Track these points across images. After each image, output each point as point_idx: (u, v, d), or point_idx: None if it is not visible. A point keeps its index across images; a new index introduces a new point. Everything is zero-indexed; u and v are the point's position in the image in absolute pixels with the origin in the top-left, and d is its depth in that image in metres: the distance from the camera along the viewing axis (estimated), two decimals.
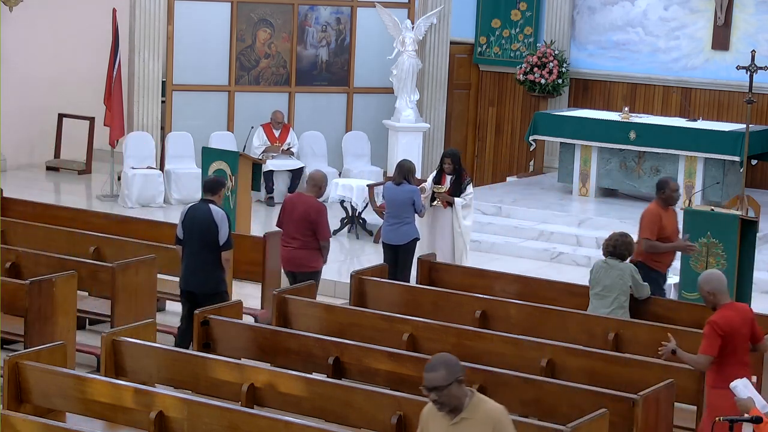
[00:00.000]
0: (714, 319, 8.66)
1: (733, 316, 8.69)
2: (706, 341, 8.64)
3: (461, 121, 21.01)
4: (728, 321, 8.64)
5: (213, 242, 10.93)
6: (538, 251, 15.70)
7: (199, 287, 11.00)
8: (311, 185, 12.09)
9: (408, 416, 8.26)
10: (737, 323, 8.67)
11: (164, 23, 18.26)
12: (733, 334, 8.63)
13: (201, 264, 10.99)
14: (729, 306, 8.77)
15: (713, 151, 16.63)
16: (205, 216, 10.97)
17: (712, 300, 8.76)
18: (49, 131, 20.09)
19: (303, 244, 11.95)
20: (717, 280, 8.78)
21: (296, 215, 11.92)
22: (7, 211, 13.77)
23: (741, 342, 8.69)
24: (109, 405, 8.48)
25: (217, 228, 10.92)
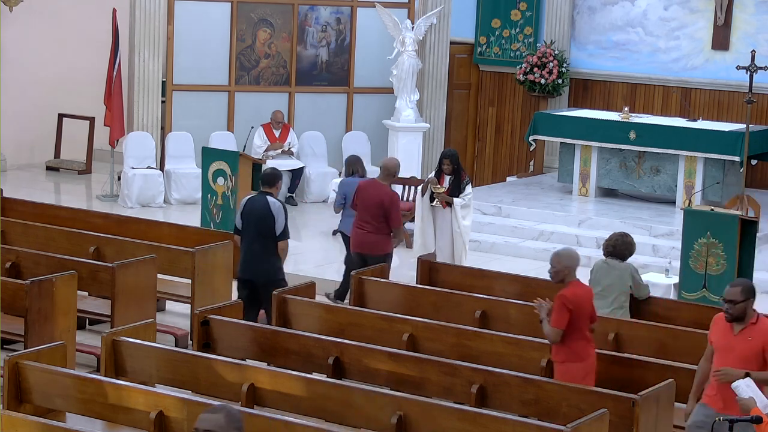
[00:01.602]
0: (564, 293, 9.19)
1: (581, 293, 9.28)
2: (556, 314, 9.15)
3: (461, 121, 21.01)
4: (577, 296, 9.20)
5: (270, 232, 11.38)
6: (538, 251, 15.69)
7: (257, 276, 11.44)
8: (385, 174, 12.64)
9: (408, 416, 8.26)
10: (583, 300, 9.26)
11: (164, 23, 18.26)
12: (580, 310, 9.19)
13: (259, 253, 11.43)
14: (576, 283, 9.32)
15: (713, 151, 16.63)
16: (262, 207, 11.41)
17: (564, 274, 9.28)
18: (49, 131, 20.09)
19: (376, 229, 12.48)
20: (574, 257, 9.37)
21: (370, 202, 12.49)
22: (7, 211, 13.78)
23: (584, 318, 9.26)
24: (109, 405, 8.48)
25: (274, 219, 11.36)
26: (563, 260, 9.31)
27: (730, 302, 8.24)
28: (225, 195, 14.39)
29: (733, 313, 8.26)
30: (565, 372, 9.17)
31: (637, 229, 15.24)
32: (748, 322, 8.27)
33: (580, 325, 9.21)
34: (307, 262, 14.92)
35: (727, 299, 8.26)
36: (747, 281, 8.42)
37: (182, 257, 12.17)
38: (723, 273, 11.99)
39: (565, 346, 9.20)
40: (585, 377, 9.15)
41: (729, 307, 8.25)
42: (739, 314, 8.25)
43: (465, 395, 9.02)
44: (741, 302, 8.22)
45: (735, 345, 8.26)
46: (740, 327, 8.28)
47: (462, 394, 9.06)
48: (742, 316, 8.26)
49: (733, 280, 8.61)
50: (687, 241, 12.24)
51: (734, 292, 8.24)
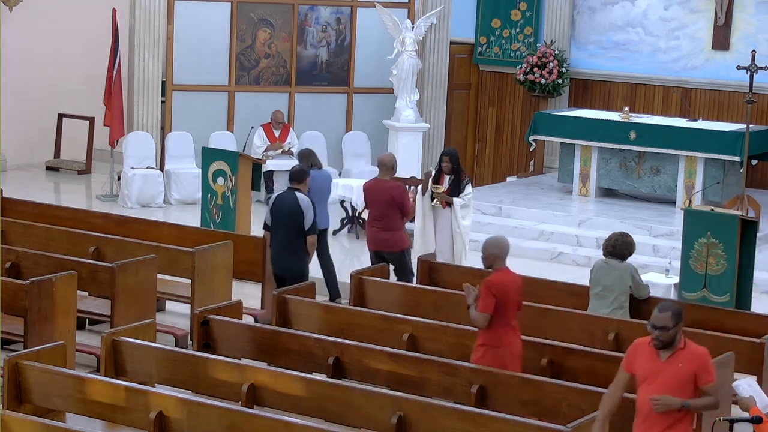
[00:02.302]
0: (489, 279, 9.42)
1: (507, 280, 9.46)
2: (482, 300, 9.33)
3: (461, 121, 21.01)
4: (502, 283, 9.40)
5: (299, 228, 11.70)
6: (538, 251, 15.69)
7: (286, 271, 11.76)
8: (384, 169, 12.79)
9: (408, 416, 8.26)
10: (509, 288, 9.43)
11: (164, 23, 18.25)
12: (505, 296, 9.36)
13: (288, 249, 11.76)
14: (504, 270, 9.52)
15: (713, 151, 16.63)
16: (292, 203, 11.74)
17: (491, 260, 9.55)
18: (49, 131, 20.09)
19: (389, 226, 12.68)
20: (501, 245, 9.60)
21: (380, 200, 12.64)
22: (7, 211, 13.78)
23: (510, 306, 9.42)
24: (109, 405, 8.49)
25: (303, 214, 11.69)
26: (489, 248, 9.57)
27: (661, 329, 7.60)
28: (225, 195, 14.38)
29: (664, 340, 7.63)
30: (483, 356, 9.37)
31: (637, 229, 15.24)
32: (676, 347, 7.68)
33: (505, 311, 9.37)
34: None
35: (657, 326, 7.62)
36: (675, 305, 7.75)
37: (182, 257, 12.17)
38: (723, 273, 11.99)
39: (488, 331, 9.37)
40: (506, 363, 9.31)
41: (660, 333, 7.62)
42: (670, 341, 7.65)
43: (465, 395, 9.02)
44: (672, 328, 7.59)
45: (664, 373, 7.64)
46: (668, 353, 7.67)
47: (462, 394, 9.06)
48: (672, 342, 7.66)
49: (660, 304, 7.72)
50: (687, 241, 12.23)
51: (665, 318, 7.61)
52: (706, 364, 7.68)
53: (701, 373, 7.64)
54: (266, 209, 12.12)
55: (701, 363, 7.66)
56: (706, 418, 9.07)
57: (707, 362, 7.71)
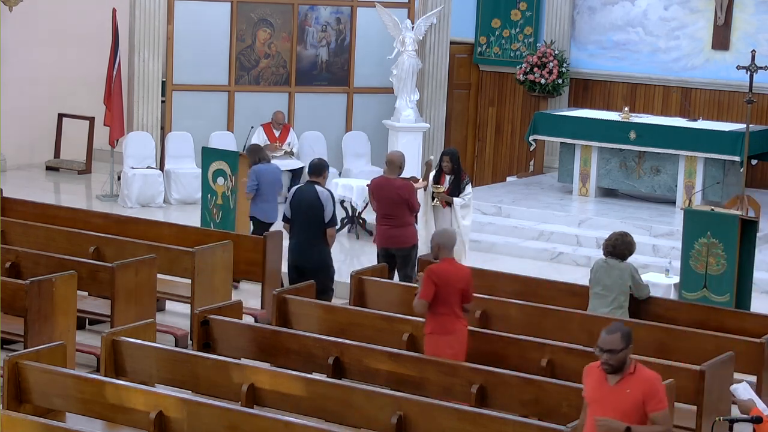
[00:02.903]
0: (431, 267, 9.74)
1: (450, 269, 9.74)
2: (423, 287, 9.66)
3: (461, 121, 21.01)
4: (443, 271, 9.68)
5: (319, 220, 11.92)
6: (538, 251, 15.69)
7: (307, 262, 11.96)
8: (392, 167, 12.85)
9: (408, 416, 8.26)
10: (452, 277, 9.69)
11: (164, 23, 18.25)
12: (446, 285, 9.64)
13: (308, 241, 11.96)
14: (449, 261, 9.82)
15: (713, 151, 16.63)
16: (312, 196, 11.95)
17: (436, 252, 9.88)
18: (49, 131, 20.09)
19: (398, 223, 12.73)
20: (448, 237, 9.90)
21: (388, 197, 12.70)
22: (7, 211, 13.78)
23: (453, 294, 9.68)
24: (109, 405, 8.49)
25: (323, 207, 11.91)
26: (435, 238, 9.98)
27: (610, 351, 7.19)
28: (225, 195, 14.38)
29: (613, 364, 7.22)
30: (430, 343, 9.69)
31: (637, 229, 15.23)
32: (625, 372, 7.25)
33: (449, 300, 9.66)
34: None
35: (605, 348, 7.20)
36: (623, 326, 7.34)
37: (182, 257, 12.17)
38: (723, 273, 11.99)
39: (433, 319, 9.70)
40: (452, 350, 9.61)
41: (608, 357, 7.20)
42: (620, 364, 7.22)
43: (465, 395, 9.02)
44: (621, 351, 7.18)
45: (611, 398, 7.23)
46: (617, 378, 7.24)
47: (462, 394, 9.06)
48: (622, 366, 7.24)
49: (609, 326, 7.30)
50: (687, 241, 12.23)
51: (613, 340, 7.19)
52: (656, 391, 7.24)
53: (650, 399, 7.20)
54: (286, 202, 12.24)
55: (651, 389, 7.22)
56: (706, 418, 9.07)
57: (657, 388, 7.26)
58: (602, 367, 7.24)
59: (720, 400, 9.37)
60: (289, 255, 12.16)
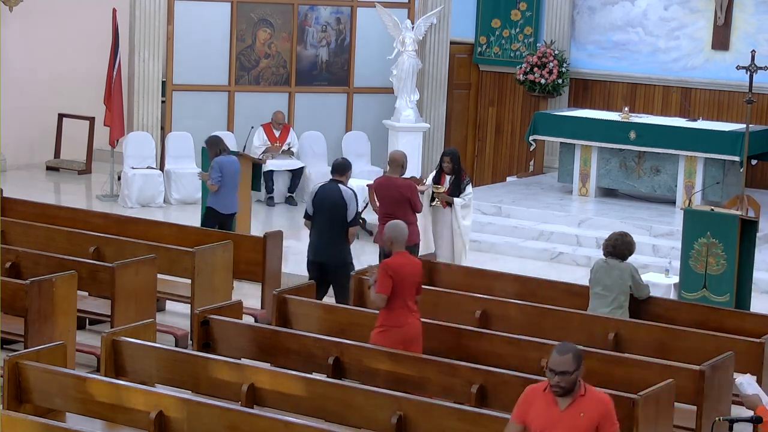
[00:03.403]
0: (386, 261, 9.87)
1: (404, 263, 9.84)
2: (380, 281, 9.74)
3: (461, 121, 21.02)
4: (399, 265, 9.79)
5: (341, 218, 12.00)
6: (538, 251, 15.69)
7: (329, 259, 12.03)
8: (394, 166, 12.90)
9: (408, 416, 8.26)
10: (406, 270, 9.80)
11: (164, 23, 18.25)
12: (401, 278, 9.74)
13: (330, 238, 12.03)
14: (402, 254, 9.92)
15: (713, 151, 16.63)
16: (335, 194, 12.05)
17: (389, 245, 9.99)
18: (49, 131, 20.09)
19: None
20: (399, 230, 9.98)
21: (391, 196, 12.77)
22: (7, 211, 13.78)
23: (408, 288, 9.80)
24: (109, 405, 8.49)
25: (346, 205, 12.01)
26: (387, 232, 10.06)
27: (562, 374, 6.74)
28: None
29: (566, 386, 6.78)
30: (382, 337, 9.76)
31: (637, 229, 15.24)
32: (576, 394, 6.82)
33: (402, 293, 9.76)
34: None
35: (557, 370, 6.75)
36: (574, 346, 6.90)
37: (182, 257, 12.17)
38: (723, 273, 11.99)
39: (386, 313, 9.78)
40: (405, 343, 9.69)
41: (560, 379, 6.75)
42: (571, 386, 6.80)
43: (465, 395, 9.02)
44: (574, 372, 6.76)
45: (564, 423, 6.80)
46: (568, 401, 6.82)
47: (462, 394, 9.06)
48: (573, 388, 6.82)
49: (558, 346, 6.87)
50: (687, 241, 12.23)
51: (565, 361, 6.75)
52: (610, 413, 6.89)
53: (604, 422, 6.83)
54: (308, 199, 12.35)
55: (605, 412, 6.85)
56: (706, 418, 9.08)
57: (611, 411, 6.91)
58: (553, 389, 6.81)
59: (720, 400, 9.37)
60: (310, 251, 12.21)
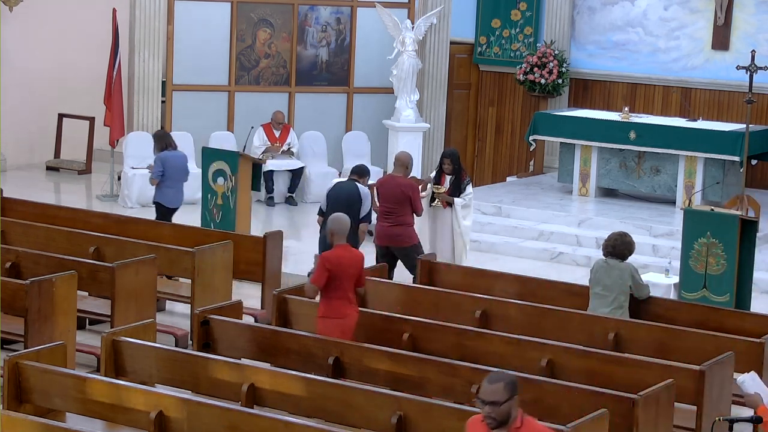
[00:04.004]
0: (325, 254, 10.17)
1: (344, 255, 10.11)
2: (316, 272, 10.07)
3: (461, 121, 21.02)
4: (337, 258, 10.06)
5: (354, 214, 12.16)
6: (538, 251, 15.69)
7: None
8: (398, 165, 13.07)
9: (408, 416, 8.26)
10: (345, 263, 10.07)
11: (164, 23, 18.26)
12: (340, 271, 10.02)
13: None
14: (342, 247, 10.18)
15: (713, 151, 16.63)
16: (351, 191, 12.42)
17: (331, 237, 10.23)
18: (49, 131, 20.08)
19: (399, 221, 12.91)
20: (340, 223, 10.22)
21: (392, 195, 12.90)
22: (7, 211, 13.78)
23: (347, 280, 10.07)
24: (109, 405, 8.49)
25: (361, 203, 12.37)
26: (329, 224, 10.33)
27: (492, 404, 6.29)
28: (225, 195, 14.38)
29: (497, 417, 6.32)
30: (321, 326, 10.07)
31: (637, 229, 15.24)
32: (511, 425, 6.38)
33: (342, 285, 10.05)
34: (307, 262, 14.90)
35: (487, 400, 6.30)
36: (507, 374, 6.50)
37: (182, 257, 12.17)
38: (723, 273, 11.99)
39: (326, 303, 10.09)
40: (344, 333, 9.98)
41: (491, 410, 6.30)
42: (504, 418, 6.35)
43: (465, 395, 9.02)
44: (505, 402, 6.31)
45: None
46: None
47: (462, 394, 9.06)
48: (507, 419, 6.37)
49: (490, 375, 6.45)
50: (687, 241, 12.23)
51: (495, 391, 6.29)
52: None
53: None
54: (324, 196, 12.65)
55: None
56: (706, 418, 9.08)
57: None
58: (485, 421, 6.36)
59: (720, 400, 9.37)
60: (320, 246, 12.50)
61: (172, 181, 14.18)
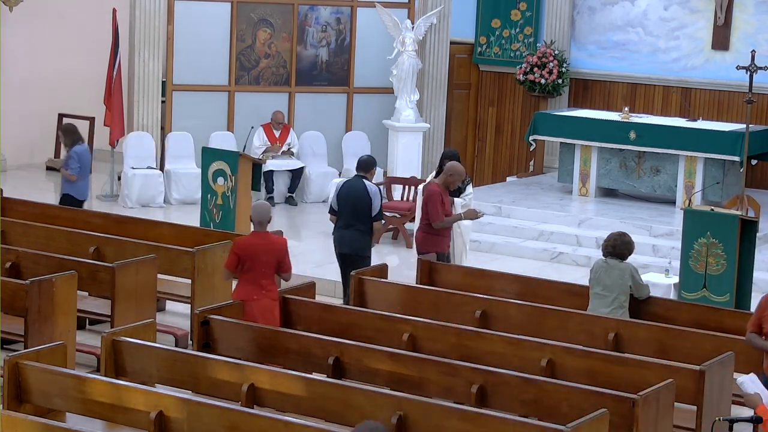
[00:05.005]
0: (236, 240, 10.71)
1: (256, 242, 10.45)
2: (228, 257, 10.58)
3: (461, 121, 21.01)
4: (247, 244, 10.48)
5: (365, 213, 12.34)
6: (538, 251, 15.70)
7: (350, 250, 12.45)
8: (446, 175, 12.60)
9: (408, 416, 8.26)
10: (256, 249, 10.41)
11: (164, 23, 18.25)
12: (249, 257, 10.39)
13: (353, 231, 12.41)
14: (257, 234, 10.54)
15: (713, 151, 16.63)
16: (359, 190, 12.40)
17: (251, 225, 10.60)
18: (49, 131, 20.08)
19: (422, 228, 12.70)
20: (257, 211, 10.58)
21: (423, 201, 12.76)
22: (7, 211, 13.78)
23: (258, 265, 10.39)
24: (109, 405, 8.49)
25: (370, 200, 12.35)
26: (250, 212, 10.70)
27: None
28: (225, 195, 14.38)
29: None
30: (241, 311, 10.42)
31: (637, 229, 15.24)
32: None
33: (252, 271, 10.40)
34: (307, 262, 14.92)
35: None
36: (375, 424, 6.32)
37: (182, 257, 12.17)
38: (723, 273, 11.99)
39: (240, 287, 10.49)
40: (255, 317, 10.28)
41: None
42: None
43: (465, 395, 9.02)
44: None
45: None
46: None
47: (462, 394, 9.06)
48: None
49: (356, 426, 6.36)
50: (687, 241, 12.23)
51: None
52: None
53: None
54: (332, 194, 12.77)
55: None
56: (706, 418, 9.08)
57: None
58: None
59: (720, 400, 9.38)
60: (335, 244, 12.67)
61: (84, 174, 14.51)
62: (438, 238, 12.56)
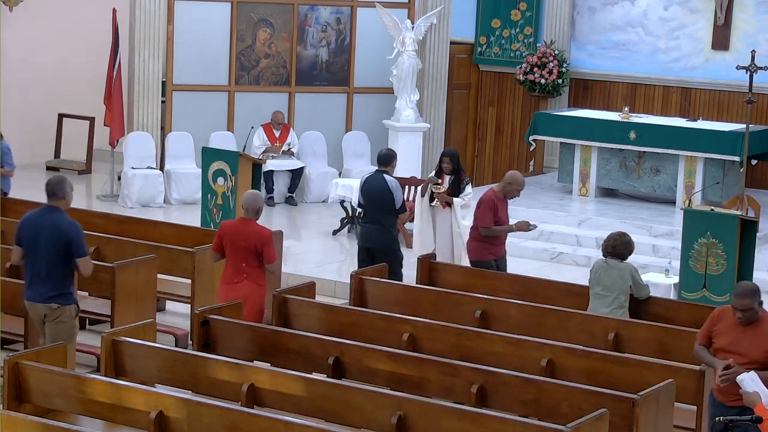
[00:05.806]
0: (222, 222, 11.08)
1: (238, 227, 10.68)
2: (214, 239, 10.83)
3: (461, 121, 21.02)
4: (229, 228, 10.75)
5: (389, 207, 12.58)
6: (538, 251, 15.69)
7: (376, 245, 12.64)
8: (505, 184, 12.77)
9: (408, 416, 8.26)
10: (237, 235, 10.63)
11: (164, 23, 18.25)
12: (230, 241, 10.63)
13: (378, 226, 12.62)
14: (243, 220, 10.77)
15: (713, 151, 16.63)
16: (380, 185, 12.58)
17: None
18: (49, 131, 20.09)
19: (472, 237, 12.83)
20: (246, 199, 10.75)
21: None
22: (7, 211, 13.77)
23: (239, 251, 10.60)
24: (109, 405, 8.49)
25: (392, 195, 12.54)
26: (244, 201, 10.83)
27: None
28: (225, 195, 14.38)
29: None
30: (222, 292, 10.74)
31: (637, 229, 15.24)
32: None
33: (232, 255, 10.65)
34: (307, 262, 14.93)
35: None
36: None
37: (182, 257, 12.17)
38: (723, 273, 11.99)
39: (225, 270, 10.76)
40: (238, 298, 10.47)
41: None
42: None
43: (465, 395, 9.02)
44: None
45: None
46: None
47: (462, 394, 9.06)
48: None
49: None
50: (687, 241, 12.24)
51: None
52: None
53: None
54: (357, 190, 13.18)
55: None
56: (706, 418, 9.07)
57: None
58: None
59: None
60: (359, 238, 13.02)
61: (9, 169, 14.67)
62: (491, 247, 12.48)
